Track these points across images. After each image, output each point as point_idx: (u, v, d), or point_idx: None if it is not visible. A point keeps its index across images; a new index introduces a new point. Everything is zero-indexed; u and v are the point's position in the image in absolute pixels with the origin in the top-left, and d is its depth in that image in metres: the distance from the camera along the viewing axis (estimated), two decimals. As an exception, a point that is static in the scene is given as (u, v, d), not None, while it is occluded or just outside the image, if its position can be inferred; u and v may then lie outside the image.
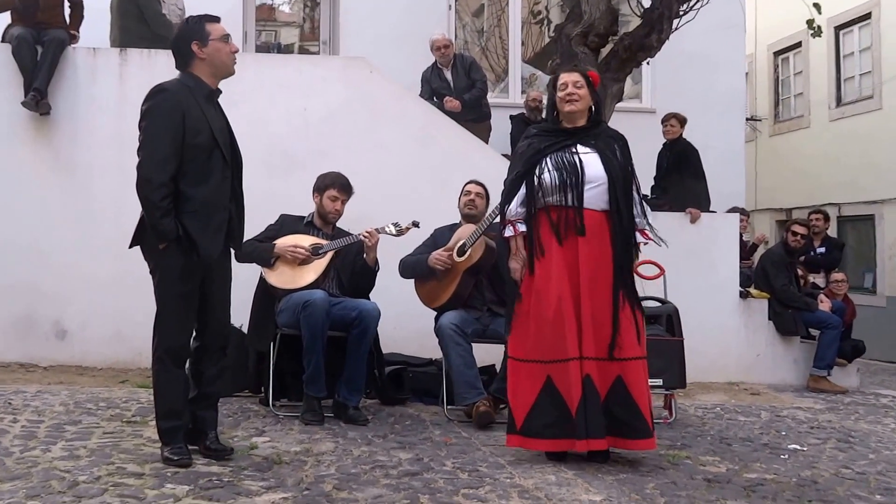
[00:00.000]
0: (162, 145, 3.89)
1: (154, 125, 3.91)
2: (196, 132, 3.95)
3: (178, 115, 3.92)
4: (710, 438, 5.28)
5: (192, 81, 4.05)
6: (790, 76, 16.22)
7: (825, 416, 6.38)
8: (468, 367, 5.41)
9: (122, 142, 6.98)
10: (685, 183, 8.41)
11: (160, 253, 3.97)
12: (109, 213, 6.94)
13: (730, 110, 10.65)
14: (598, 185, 4.33)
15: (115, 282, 6.89)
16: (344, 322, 5.33)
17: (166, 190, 3.88)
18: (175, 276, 3.98)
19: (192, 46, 4.04)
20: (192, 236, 3.93)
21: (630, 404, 4.22)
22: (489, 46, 11.04)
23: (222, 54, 4.08)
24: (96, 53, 7.18)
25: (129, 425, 4.81)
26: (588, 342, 4.22)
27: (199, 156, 3.97)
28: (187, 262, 3.97)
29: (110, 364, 6.88)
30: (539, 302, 4.29)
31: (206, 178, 3.99)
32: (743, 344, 7.94)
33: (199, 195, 3.96)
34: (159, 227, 3.89)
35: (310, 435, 4.81)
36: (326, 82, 7.38)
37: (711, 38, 10.38)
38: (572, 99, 4.43)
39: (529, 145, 4.48)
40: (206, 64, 4.06)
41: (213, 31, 4.07)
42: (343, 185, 5.63)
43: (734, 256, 8.03)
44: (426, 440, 4.83)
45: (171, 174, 3.89)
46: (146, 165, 3.89)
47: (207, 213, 3.99)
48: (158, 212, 3.87)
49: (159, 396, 4.04)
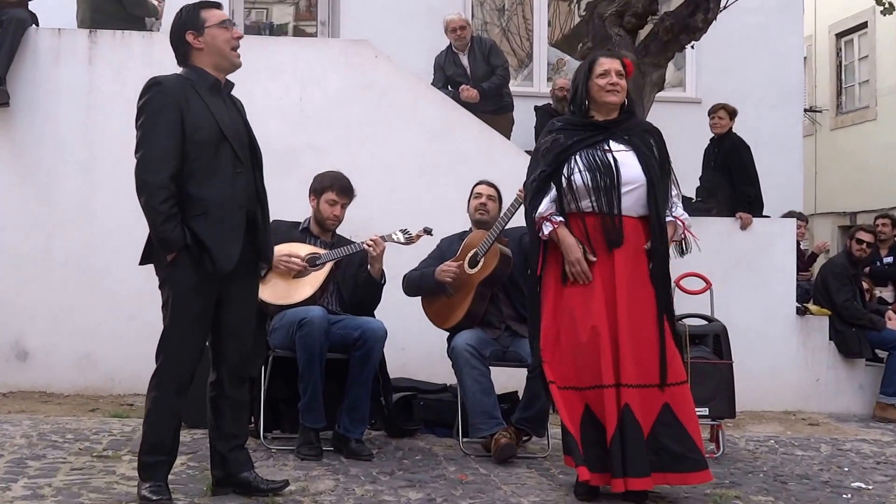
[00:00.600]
0: (158, 143, 3.90)
1: (148, 122, 3.93)
2: (197, 127, 3.97)
3: (175, 109, 3.94)
4: (762, 475, 5.26)
5: (193, 74, 4.08)
6: (854, 61, 16.20)
7: (893, 450, 6.35)
8: (485, 394, 5.39)
9: (91, 137, 7.07)
10: (735, 184, 8.39)
11: (166, 267, 3.96)
12: (77, 218, 6.99)
13: (786, 101, 10.65)
14: (635, 187, 4.34)
15: (83, 297, 6.92)
16: (345, 343, 5.33)
17: (167, 192, 3.88)
18: (185, 292, 3.96)
19: (188, 37, 4.07)
20: (203, 243, 3.92)
21: (682, 434, 4.24)
22: (511, 27, 11.06)
23: (219, 41, 4.09)
24: (62, 35, 7.21)
25: (99, 460, 4.82)
26: (627, 367, 4.21)
27: (204, 152, 3.98)
28: (200, 275, 3.96)
29: (78, 390, 6.89)
30: (573, 322, 4.30)
31: (216, 177, 4.00)
32: (800, 367, 7.91)
33: (207, 195, 3.95)
34: (162, 235, 3.88)
35: (306, 472, 4.80)
36: (325, 68, 7.40)
37: (765, 17, 10.41)
38: (615, 89, 4.43)
39: (555, 141, 4.48)
40: (205, 54, 4.09)
41: (210, 17, 4.09)
42: (343, 187, 5.62)
43: (791, 268, 8.01)
44: (439, 477, 4.82)
45: (171, 174, 3.90)
46: (142, 167, 3.91)
47: (219, 216, 3.98)
48: (160, 217, 3.86)
49: (149, 426, 4.04)
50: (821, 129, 16.35)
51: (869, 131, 15.39)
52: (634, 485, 4.17)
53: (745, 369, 6.42)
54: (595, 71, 4.47)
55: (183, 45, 4.09)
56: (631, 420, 4.17)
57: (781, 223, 8.36)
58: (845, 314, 8.05)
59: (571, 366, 4.29)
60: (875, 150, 14.97)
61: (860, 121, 15.75)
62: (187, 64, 4.11)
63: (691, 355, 5.61)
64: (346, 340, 5.32)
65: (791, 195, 10.25)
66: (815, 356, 7.96)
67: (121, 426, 5.79)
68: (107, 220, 6.99)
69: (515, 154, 7.41)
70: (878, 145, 14.93)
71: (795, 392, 7.87)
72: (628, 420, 4.17)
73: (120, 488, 4.23)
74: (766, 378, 7.66)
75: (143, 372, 6.74)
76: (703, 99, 9.99)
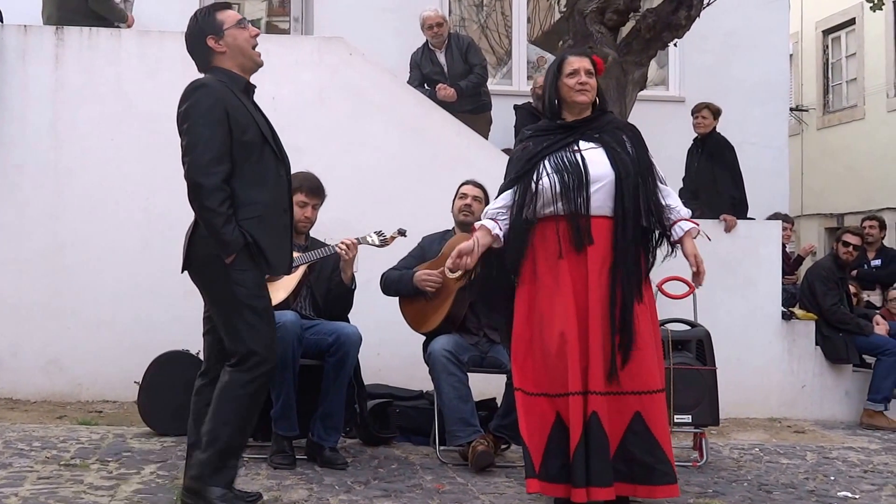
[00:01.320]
0: (210, 146, 3.95)
1: (197, 125, 3.97)
2: (244, 128, 4.03)
3: (222, 110, 3.99)
4: (746, 485, 5.29)
5: (223, 76, 4.12)
6: (842, 59, 16.31)
7: (881, 458, 6.40)
8: (463, 401, 5.42)
9: (59, 137, 7.07)
10: (719, 185, 8.44)
11: (224, 270, 3.98)
12: (44, 221, 6.98)
13: (771, 99, 10.70)
14: (603, 184, 4.32)
15: (50, 301, 6.92)
16: (319, 348, 5.35)
17: (224, 194, 3.94)
18: (252, 293, 4.02)
19: (209, 42, 4.12)
20: (259, 245, 4.01)
21: (652, 444, 4.21)
22: (490, 24, 11.09)
23: (241, 41, 4.14)
24: (27, 32, 7.20)
25: (67, 469, 4.82)
26: (596, 374, 4.20)
27: (252, 154, 4.05)
28: (259, 275, 4.06)
29: (45, 397, 6.89)
30: (542, 328, 4.31)
31: (264, 179, 4.08)
32: (786, 374, 7.96)
33: (260, 198, 4.04)
34: (224, 237, 3.92)
35: (279, 481, 4.82)
36: (298, 66, 7.41)
37: (750, 14, 10.47)
38: (584, 89, 4.47)
39: (524, 149, 4.50)
40: (228, 57, 4.14)
41: (227, 18, 4.14)
42: (312, 187, 5.61)
43: (776, 271, 8.06)
44: (415, 487, 4.84)
45: (224, 176, 3.96)
46: (194, 170, 3.94)
47: (271, 218, 4.08)
48: (220, 218, 3.91)
49: (237, 429, 4.04)
50: (807, 129, 16.46)
51: (857, 131, 15.49)
52: (597, 494, 4.15)
53: (730, 375, 6.46)
54: (564, 70, 4.49)
55: (204, 50, 4.14)
56: (598, 429, 4.15)
57: (767, 225, 8.41)
58: (832, 318, 8.09)
59: (544, 371, 4.30)
60: (863, 150, 15.07)
61: (848, 120, 15.85)
62: (209, 68, 4.15)
63: (674, 361, 5.65)
64: (320, 346, 5.35)
65: (777, 196, 10.30)
66: (801, 362, 8.00)
67: (89, 434, 5.79)
68: (74, 223, 6.99)
69: (493, 154, 7.45)
70: (867, 145, 15.03)
71: (781, 399, 7.91)
72: (595, 429, 4.15)
73: (88, 498, 4.23)
74: (751, 384, 7.70)
75: (111, 378, 6.87)
76: (686, 98, 10.04)
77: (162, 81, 7.19)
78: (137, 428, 5.98)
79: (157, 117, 7.13)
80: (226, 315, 4.04)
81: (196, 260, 4.06)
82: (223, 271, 3.97)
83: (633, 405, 4.23)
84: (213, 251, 3.96)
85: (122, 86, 7.20)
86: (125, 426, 6.10)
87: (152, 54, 7.25)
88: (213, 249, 3.96)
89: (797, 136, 15.57)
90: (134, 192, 7.09)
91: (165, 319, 6.79)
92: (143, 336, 6.70)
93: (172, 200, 7.03)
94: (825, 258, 9.05)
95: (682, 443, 6.17)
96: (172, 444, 5.59)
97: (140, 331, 6.84)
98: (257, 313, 4.02)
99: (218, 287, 4.04)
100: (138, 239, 7.05)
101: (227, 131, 3.98)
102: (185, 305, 6.62)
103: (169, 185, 7.07)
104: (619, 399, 4.23)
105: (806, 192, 15.70)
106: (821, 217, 16.00)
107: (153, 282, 6.95)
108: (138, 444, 5.57)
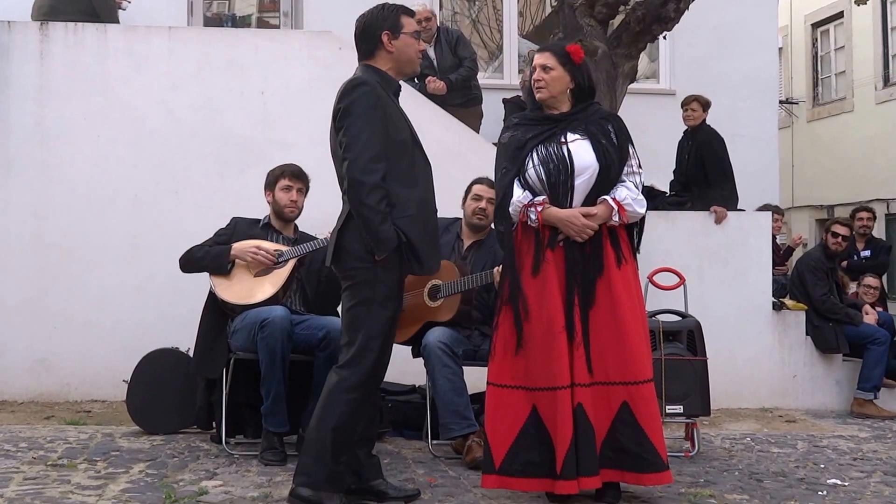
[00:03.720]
0: (370, 143, 4.00)
1: (360, 122, 4.02)
2: (398, 128, 4.12)
3: (381, 110, 4.06)
4: (737, 474, 5.29)
5: (377, 76, 4.19)
6: (830, 52, 16.33)
7: (870, 446, 6.41)
8: (457, 394, 5.39)
9: (44, 134, 7.02)
10: (709, 177, 8.42)
11: (371, 267, 4.02)
12: (29, 219, 6.93)
13: (761, 92, 10.70)
14: (587, 175, 4.34)
15: (37, 300, 6.86)
16: (309, 344, 5.31)
17: (382, 192, 3.99)
18: (391, 294, 4.08)
19: (383, 36, 4.20)
20: (412, 244, 4.05)
21: (639, 434, 4.23)
22: (480, 18, 11.06)
23: (411, 51, 4.27)
24: (11, 28, 7.15)
25: (54, 469, 4.77)
26: (581, 366, 4.22)
27: (404, 154, 4.12)
28: (401, 276, 4.11)
29: (32, 397, 6.85)
30: (528, 320, 4.29)
31: (415, 179, 4.15)
32: (776, 364, 7.97)
33: (414, 197, 4.10)
34: (381, 235, 3.96)
35: (270, 477, 4.78)
36: (288, 61, 7.38)
37: (739, 7, 10.47)
38: (539, 86, 4.49)
39: (512, 137, 4.53)
40: (392, 58, 4.24)
41: (407, 24, 4.25)
42: (294, 171, 5.67)
43: (766, 262, 8.06)
44: (408, 481, 4.79)
45: (383, 174, 4.01)
46: (355, 167, 3.98)
47: (424, 219, 4.14)
48: (378, 216, 3.96)
49: (346, 432, 4.05)
50: (797, 121, 16.48)
51: (846, 123, 15.52)
52: (584, 484, 4.20)
53: (721, 366, 6.45)
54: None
55: (374, 42, 4.22)
56: (583, 420, 4.19)
57: (757, 217, 8.39)
58: (822, 309, 8.11)
59: (523, 363, 4.29)
60: (852, 142, 15.10)
61: (837, 112, 15.87)
62: (369, 60, 4.22)
63: (665, 352, 5.64)
64: (311, 341, 5.30)
65: (767, 188, 10.30)
66: (791, 352, 8.01)
67: (77, 434, 5.74)
68: (60, 221, 6.94)
69: (484, 147, 7.41)
70: (856, 137, 15.06)
71: (772, 388, 7.92)
72: (581, 420, 4.19)
73: (75, 498, 4.19)
74: (742, 374, 7.71)
75: (99, 377, 6.82)
76: (676, 90, 10.02)
77: (149, 77, 7.16)
78: (126, 427, 5.93)
79: (145, 113, 7.10)
80: (356, 311, 4.06)
81: (345, 254, 4.09)
82: (371, 268, 4.02)
83: (621, 395, 4.26)
84: (363, 246, 4.00)
85: (109, 82, 7.14)
86: (114, 425, 6.04)
87: (139, 50, 7.20)
88: (364, 244, 3.99)
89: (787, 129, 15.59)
90: (121, 190, 7.03)
91: (153, 318, 6.76)
92: (131, 335, 6.66)
93: (159, 198, 7.04)
94: (815, 249, 9.05)
95: (673, 433, 6.17)
96: (161, 442, 5.55)
97: (128, 330, 6.80)
98: (385, 314, 4.06)
99: (361, 281, 4.06)
100: (125, 237, 7.00)
101: (386, 131, 4.05)
102: (173, 304, 6.63)
103: (156, 182, 7.07)
104: (606, 389, 4.26)
105: (796, 184, 15.74)
106: (811, 209, 16.03)
107: (141, 281, 6.92)
108: (127, 443, 5.52)
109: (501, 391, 4.34)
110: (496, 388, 4.36)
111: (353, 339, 4.05)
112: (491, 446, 4.32)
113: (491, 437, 4.33)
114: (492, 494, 4.52)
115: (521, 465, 4.25)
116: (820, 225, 15.24)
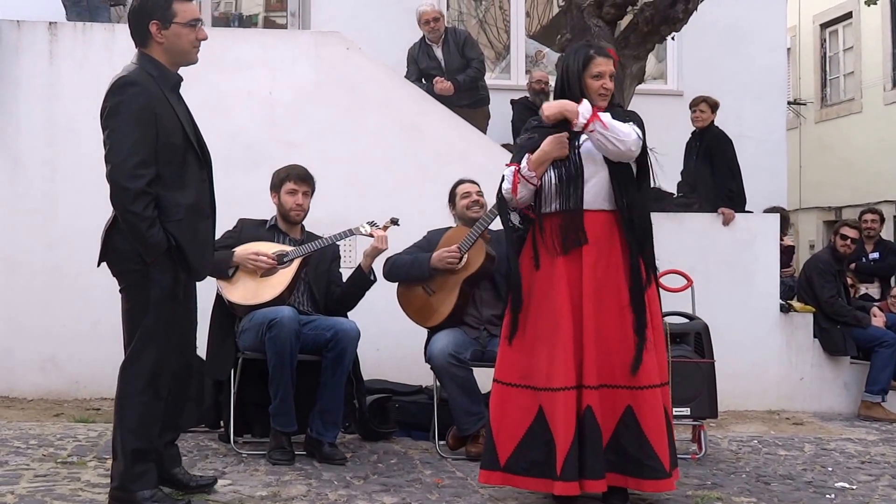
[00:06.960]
0: (136, 149, 3.90)
1: (125, 125, 3.92)
2: (170, 131, 4.00)
3: (151, 112, 3.95)
4: (745, 476, 5.30)
5: (154, 69, 4.06)
6: (839, 52, 16.31)
7: (878, 449, 6.41)
8: (468, 395, 5.45)
9: (53, 133, 7.04)
10: (717, 178, 8.43)
11: (143, 269, 3.98)
12: (39, 215, 6.96)
13: (769, 93, 10.72)
14: (597, 178, 4.34)
15: (46, 298, 6.89)
16: (317, 344, 5.33)
17: (148, 197, 3.91)
18: (167, 294, 4.02)
19: (152, 26, 4.04)
20: (182, 249, 4.00)
21: (640, 439, 4.23)
22: (488, 19, 11.08)
23: (183, 42, 4.08)
24: (21, 27, 7.17)
25: (64, 467, 4.80)
26: (590, 367, 4.22)
27: (175, 157, 4.03)
28: (177, 277, 4.05)
29: (42, 395, 6.87)
30: (535, 320, 4.32)
31: (186, 183, 4.06)
32: (784, 366, 7.97)
33: (183, 201, 4.02)
34: (149, 241, 3.91)
35: (278, 476, 4.81)
36: (295, 61, 7.40)
37: (747, 8, 10.47)
38: (606, 94, 4.42)
39: (530, 139, 4.50)
40: (164, 50, 4.08)
41: (181, 12, 4.04)
42: (300, 174, 5.63)
43: (774, 264, 8.06)
44: (415, 481, 4.84)
45: (150, 179, 3.93)
46: (119, 173, 3.90)
47: (194, 223, 4.07)
48: (144, 223, 3.90)
49: (144, 433, 4.03)
50: (805, 122, 16.46)
51: (854, 124, 15.50)
52: (590, 487, 4.19)
53: (728, 368, 6.45)
54: (590, 70, 4.40)
55: (144, 32, 4.06)
56: (592, 423, 4.18)
57: (765, 218, 8.41)
58: (830, 311, 8.09)
59: (529, 362, 4.32)
60: (860, 144, 15.08)
61: (845, 113, 15.85)
62: (143, 50, 4.08)
63: (672, 354, 5.65)
64: (318, 341, 5.33)
65: (775, 190, 10.31)
66: (799, 354, 8.01)
67: (86, 431, 5.77)
68: (70, 220, 6.95)
69: (491, 149, 7.43)
70: (864, 138, 15.04)
71: (779, 391, 7.92)
72: (589, 423, 4.18)
73: (85, 495, 4.22)
74: (750, 377, 7.70)
75: (109, 375, 6.75)
76: (684, 91, 10.02)
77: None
78: (135, 424, 5.95)
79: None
80: (133, 314, 4.05)
81: (114, 253, 4.04)
82: (143, 269, 3.98)
83: (626, 399, 4.26)
84: (132, 247, 3.95)
85: (118, 81, 7.15)
86: (123, 423, 6.06)
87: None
88: (132, 245, 3.95)
89: (795, 130, 15.58)
90: (130, 189, 7.05)
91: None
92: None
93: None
94: (823, 251, 9.05)
95: (681, 435, 6.16)
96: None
97: (137, 327, 6.80)
98: (163, 317, 4.02)
99: (134, 284, 4.04)
100: (135, 235, 7.01)
101: (154, 134, 3.94)
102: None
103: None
104: (611, 392, 4.27)
105: (804, 185, 15.71)
106: (819, 210, 16.01)
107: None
108: (136, 440, 5.54)
109: (508, 389, 4.36)
110: (503, 386, 4.39)
111: (130, 341, 4.04)
112: (496, 443, 4.34)
113: (496, 435, 4.35)
114: (499, 495, 4.55)
115: (527, 464, 4.27)
116: (828, 227, 15.23)
